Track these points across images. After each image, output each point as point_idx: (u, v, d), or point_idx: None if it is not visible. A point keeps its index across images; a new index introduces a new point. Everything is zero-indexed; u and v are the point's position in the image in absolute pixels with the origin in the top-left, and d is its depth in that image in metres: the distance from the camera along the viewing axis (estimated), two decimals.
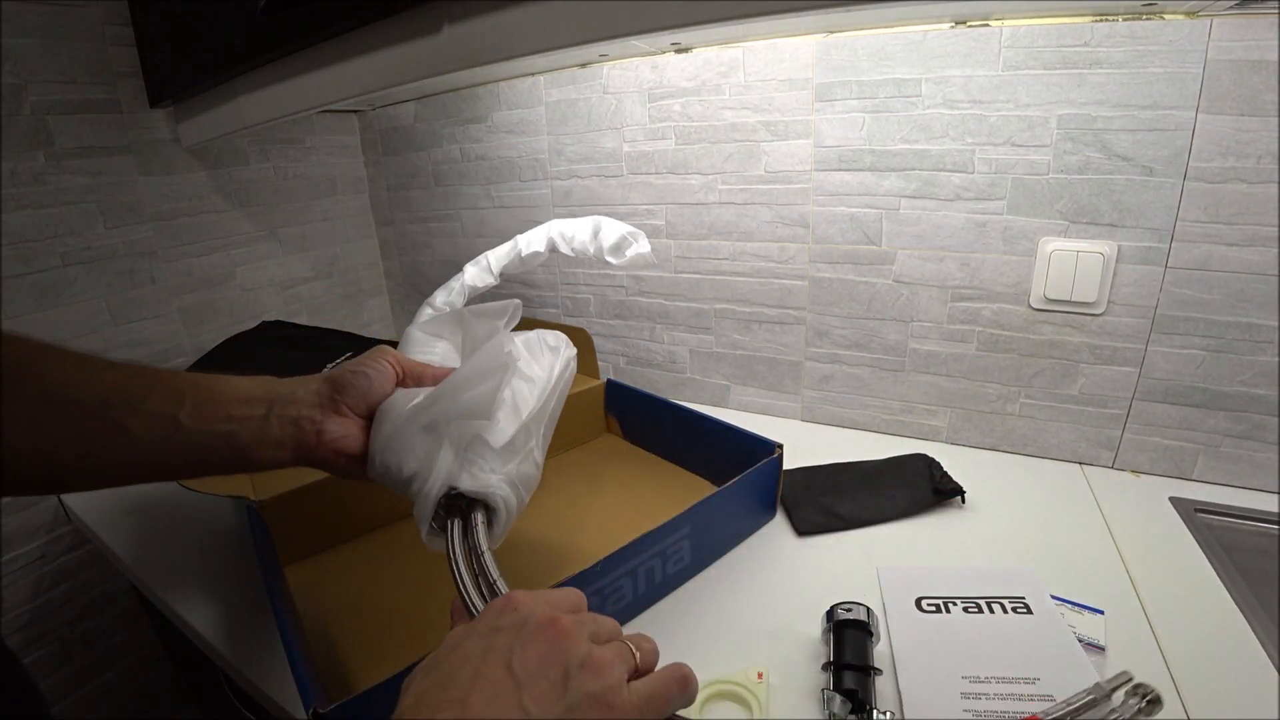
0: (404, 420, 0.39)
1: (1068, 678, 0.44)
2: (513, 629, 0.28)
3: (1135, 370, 0.70)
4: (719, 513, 0.60)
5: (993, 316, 0.76)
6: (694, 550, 0.58)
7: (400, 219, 1.28)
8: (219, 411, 0.37)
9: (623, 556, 0.51)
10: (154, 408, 0.35)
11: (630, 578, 0.53)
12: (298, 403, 0.39)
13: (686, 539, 0.57)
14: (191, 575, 0.65)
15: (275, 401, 0.39)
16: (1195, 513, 0.65)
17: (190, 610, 0.60)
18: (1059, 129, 0.67)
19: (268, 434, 0.38)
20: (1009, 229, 0.72)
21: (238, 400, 0.38)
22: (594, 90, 0.93)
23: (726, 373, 0.97)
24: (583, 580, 0.48)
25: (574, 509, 0.71)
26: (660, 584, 0.56)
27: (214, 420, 0.37)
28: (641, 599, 0.55)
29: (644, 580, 0.54)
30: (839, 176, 0.80)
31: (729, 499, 0.60)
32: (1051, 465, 0.77)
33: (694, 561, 0.59)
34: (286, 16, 0.64)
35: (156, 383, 0.36)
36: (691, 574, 0.60)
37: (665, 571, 0.56)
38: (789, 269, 0.87)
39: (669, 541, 0.55)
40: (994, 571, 0.57)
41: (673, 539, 0.55)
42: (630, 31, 0.46)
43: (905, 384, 0.84)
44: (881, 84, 0.74)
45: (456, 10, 0.54)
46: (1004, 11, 0.65)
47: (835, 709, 0.41)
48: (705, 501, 0.57)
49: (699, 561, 0.60)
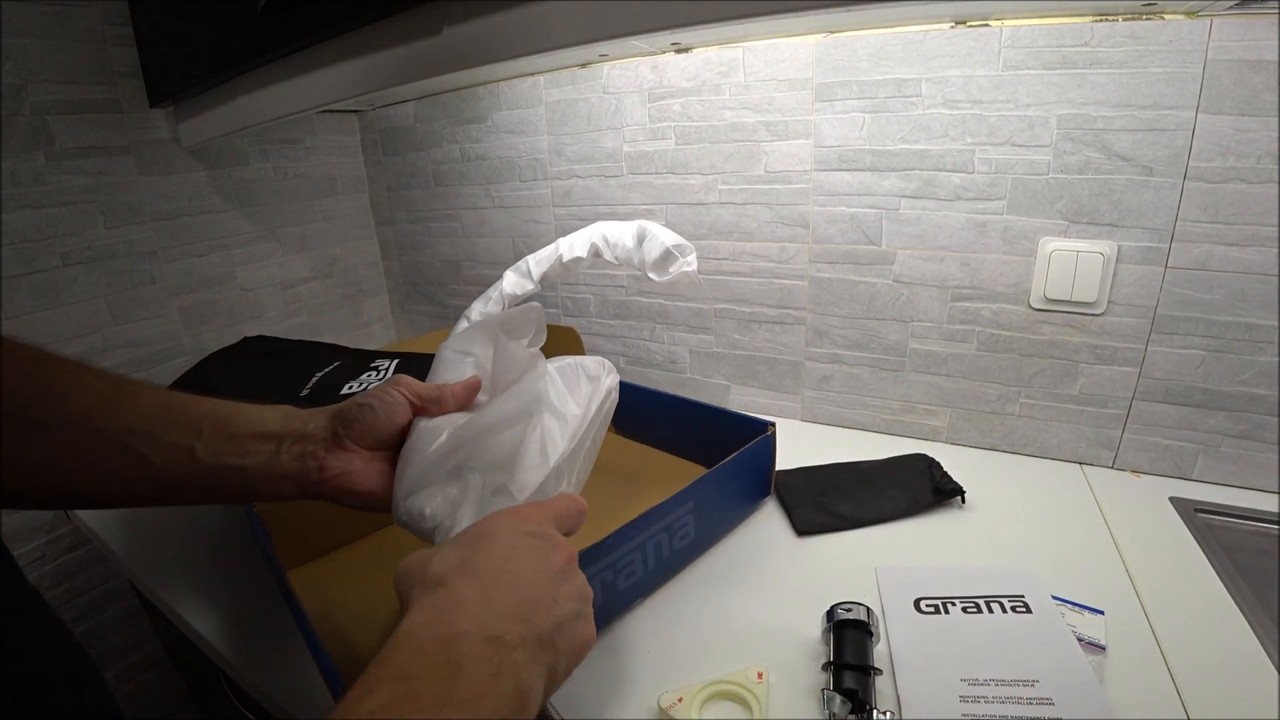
0: (428, 465, 0.38)
1: (1067, 678, 0.44)
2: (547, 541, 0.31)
3: (1135, 370, 0.70)
4: (720, 489, 0.62)
5: (993, 316, 0.76)
6: (698, 526, 0.60)
7: (400, 219, 1.28)
8: (234, 446, 0.37)
9: (634, 529, 0.53)
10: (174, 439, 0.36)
11: (640, 551, 0.54)
12: (307, 438, 0.39)
13: (690, 514, 0.58)
14: (191, 575, 0.65)
15: (288, 436, 0.39)
16: (1195, 513, 0.65)
17: (190, 610, 0.60)
18: (1059, 129, 0.67)
19: (275, 469, 0.38)
20: (1009, 229, 0.72)
21: (253, 435, 0.38)
22: (594, 90, 0.93)
23: (726, 373, 0.97)
24: (596, 553, 0.49)
25: None
26: (668, 559, 0.58)
27: (228, 454, 0.37)
28: (650, 574, 0.56)
29: (653, 554, 0.56)
30: (839, 176, 0.80)
31: (729, 475, 0.63)
32: (1051, 465, 0.77)
33: (698, 537, 0.60)
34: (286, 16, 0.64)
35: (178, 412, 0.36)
36: (696, 552, 0.62)
37: (672, 547, 0.57)
38: (789, 269, 0.87)
39: (675, 516, 0.57)
40: (993, 571, 0.57)
41: (678, 513, 0.57)
42: (630, 31, 0.46)
43: (905, 384, 0.84)
44: (881, 84, 0.74)
45: (456, 10, 0.54)
46: (1004, 11, 0.65)
47: (835, 709, 0.41)
48: (707, 476, 0.59)
49: (702, 538, 0.62)
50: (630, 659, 0.50)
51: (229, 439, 0.37)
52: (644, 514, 0.53)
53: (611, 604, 0.53)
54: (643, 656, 0.51)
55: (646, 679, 0.48)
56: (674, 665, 0.49)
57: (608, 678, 0.49)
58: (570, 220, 1.03)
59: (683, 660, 0.50)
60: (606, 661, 0.50)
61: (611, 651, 0.51)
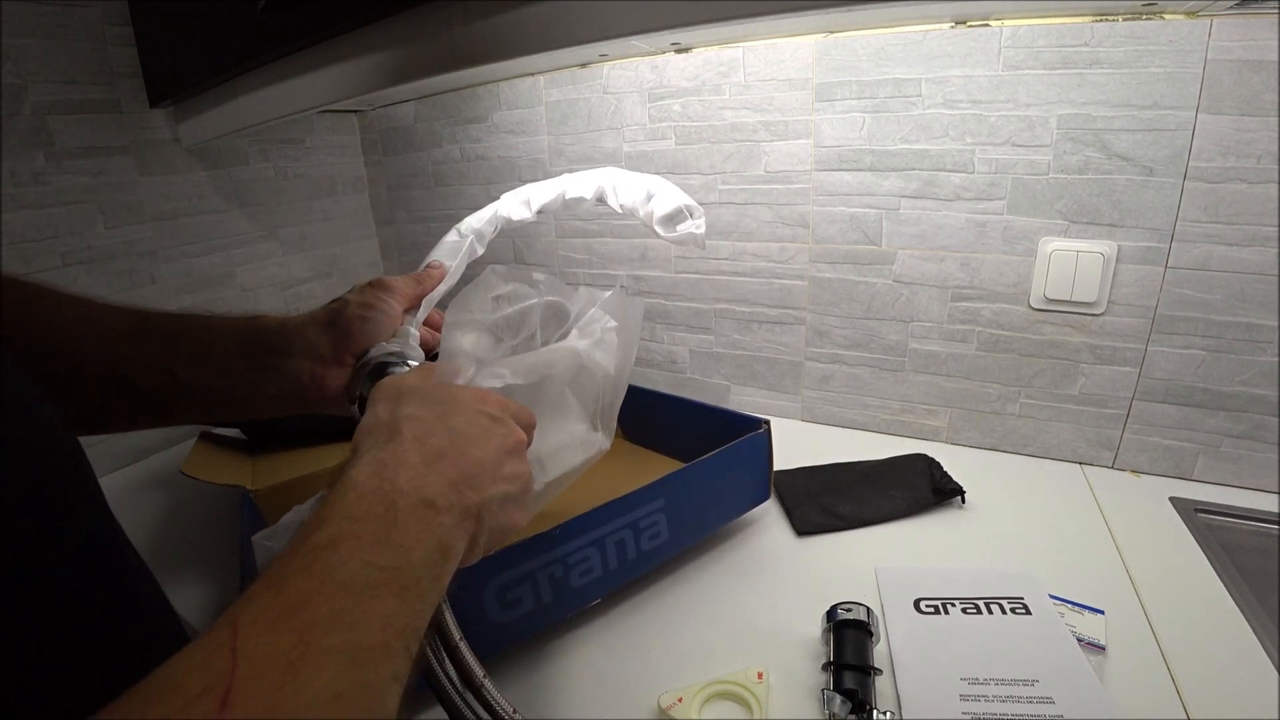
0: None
1: (1066, 678, 0.44)
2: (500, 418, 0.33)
3: (1135, 370, 0.70)
4: (698, 488, 0.59)
5: (993, 316, 0.76)
6: (672, 526, 0.57)
7: (400, 219, 1.28)
8: (215, 365, 0.37)
9: (585, 523, 0.51)
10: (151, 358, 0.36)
11: (598, 548, 0.52)
12: (293, 355, 0.38)
13: (661, 512, 0.56)
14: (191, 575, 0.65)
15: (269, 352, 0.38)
16: (1195, 513, 0.65)
17: (190, 610, 0.60)
18: (1059, 129, 0.67)
19: (264, 389, 0.38)
20: (1009, 229, 0.72)
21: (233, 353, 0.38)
22: (594, 90, 0.93)
23: (726, 373, 0.97)
24: (540, 543, 0.48)
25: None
26: (634, 560, 0.55)
27: (208, 375, 0.37)
28: (613, 574, 0.54)
29: (614, 553, 0.53)
30: (839, 176, 0.80)
31: (710, 474, 0.60)
32: (1051, 465, 0.77)
33: (673, 539, 0.58)
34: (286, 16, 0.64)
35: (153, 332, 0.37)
36: (670, 551, 0.58)
37: (639, 547, 0.55)
38: (789, 269, 0.87)
39: (640, 513, 0.54)
40: (992, 572, 0.57)
41: (645, 510, 0.55)
42: (630, 31, 0.46)
43: (905, 384, 0.84)
44: (881, 84, 0.74)
45: (456, 10, 0.54)
46: (1004, 11, 0.65)
47: (835, 709, 0.41)
48: (679, 473, 0.56)
49: (679, 539, 0.59)
50: (630, 659, 0.50)
51: (208, 358, 0.37)
52: (599, 508, 0.51)
53: (564, 601, 0.51)
54: (642, 656, 0.51)
55: (646, 679, 0.48)
56: (674, 665, 0.49)
57: (608, 678, 0.49)
58: (570, 220, 1.03)
59: (683, 660, 0.50)
60: (606, 661, 0.50)
61: (611, 651, 0.51)
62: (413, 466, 0.28)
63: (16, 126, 0.80)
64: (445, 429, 0.30)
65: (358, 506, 0.26)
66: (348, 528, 0.24)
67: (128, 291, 0.94)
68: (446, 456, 0.29)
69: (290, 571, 0.22)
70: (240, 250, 1.09)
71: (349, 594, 0.22)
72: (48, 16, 0.82)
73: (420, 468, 0.28)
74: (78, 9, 0.84)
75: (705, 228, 0.56)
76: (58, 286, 0.36)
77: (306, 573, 0.22)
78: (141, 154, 0.93)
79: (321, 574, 0.22)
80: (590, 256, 1.02)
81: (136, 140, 0.92)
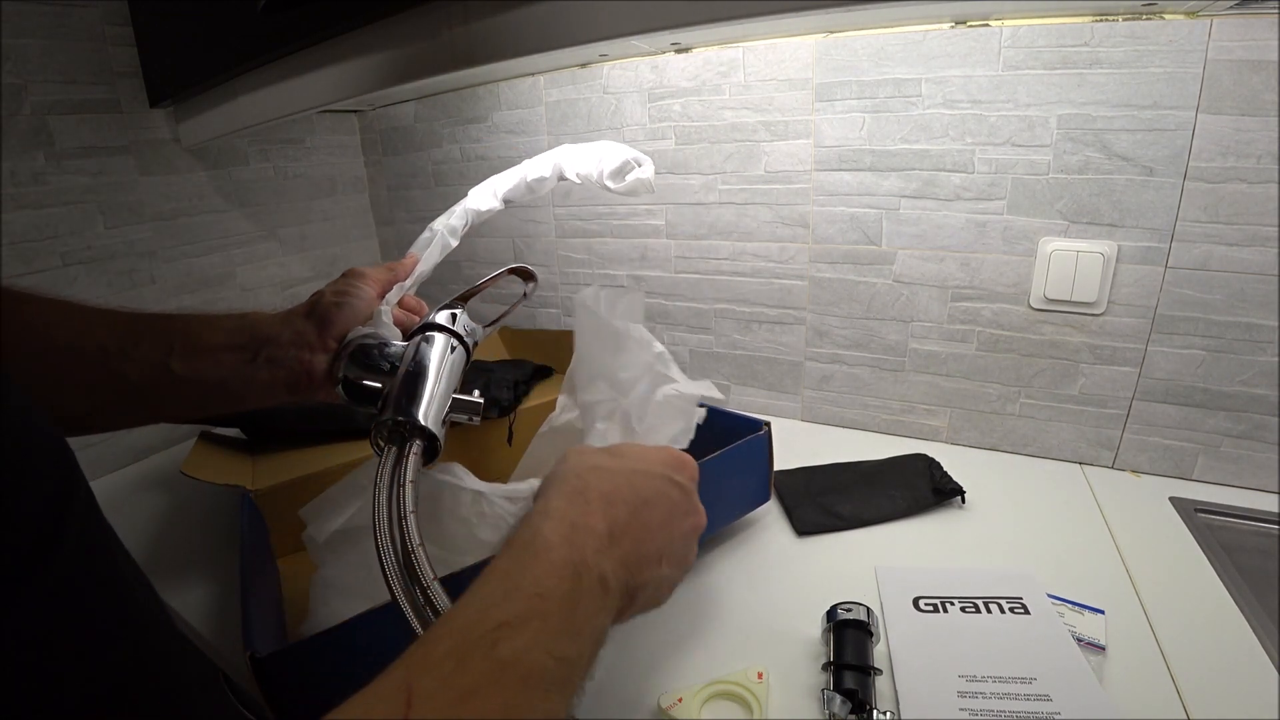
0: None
1: (1063, 677, 0.44)
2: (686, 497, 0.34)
3: (1135, 370, 0.70)
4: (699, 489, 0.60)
5: (993, 316, 0.76)
6: None
7: (400, 219, 1.28)
8: (207, 358, 0.38)
9: None
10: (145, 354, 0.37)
11: None
12: (281, 344, 0.40)
13: None
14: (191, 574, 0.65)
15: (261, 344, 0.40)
16: (1195, 513, 0.65)
17: (191, 609, 0.60)
18: (1059, 129, 0.67)
19: (256, 378, 0.39)
20: (1009, 229, 0.72)
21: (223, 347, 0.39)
22: (594, 90, 0.93)
23: (726, 373, 0.97)
24: None
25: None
26: None
27: (203, 367, 0.38)
28: None
29: None
30: (839, 176, 0.80)
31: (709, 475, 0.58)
32: (1051, 465, 0.77)
33: None
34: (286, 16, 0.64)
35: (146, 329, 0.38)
36: None
37: None
38: (789, 269, 0.87)
39: None
40: (991, 572, 0.57)
41: None
42: (630, 31, 0.46)
43: (905, 384, 0.84)
44: (881, 84, 0.74)
45: (456, 10, 0.54)
46: (1004, 11, 0.65)
47: (835, 709, 0.41)
48: None
49: None
50: (630, 659, 0.50)
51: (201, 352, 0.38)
52: None
53: None
54: (643, 656, 0.51)
55: (646, 679, 0.48)
56: (674, 665, 0.49)
57: (608, 678, 0.49)
58: (570, 220, 1.03)
59: (683, 660, 0.50)
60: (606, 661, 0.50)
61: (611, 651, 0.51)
62: (599, 536, 0.28)
63: (16, 126, 0.80)
64: (632, 492, 0.30)
65: (548, 579, 0.26)
66: (538, 605, 0.24)
67: (128, 291, 0.94)
68: (630, 532, 0.29)
69: (473, 644, 0.22)
70: (240, 250, 1.09)
71: (525, 689, 0.22)
72: (48, 16, 0.82)
73: (604, 539, 0.28)
74: (78, 9, 0.84)
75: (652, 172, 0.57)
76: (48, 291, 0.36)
77: (490, 654, 0.22)
78: (141, 154, 0.93)
79: (505, 659, 0.22)
80: (590, 256, 1.02)
81: (136, 140, 0.92)
